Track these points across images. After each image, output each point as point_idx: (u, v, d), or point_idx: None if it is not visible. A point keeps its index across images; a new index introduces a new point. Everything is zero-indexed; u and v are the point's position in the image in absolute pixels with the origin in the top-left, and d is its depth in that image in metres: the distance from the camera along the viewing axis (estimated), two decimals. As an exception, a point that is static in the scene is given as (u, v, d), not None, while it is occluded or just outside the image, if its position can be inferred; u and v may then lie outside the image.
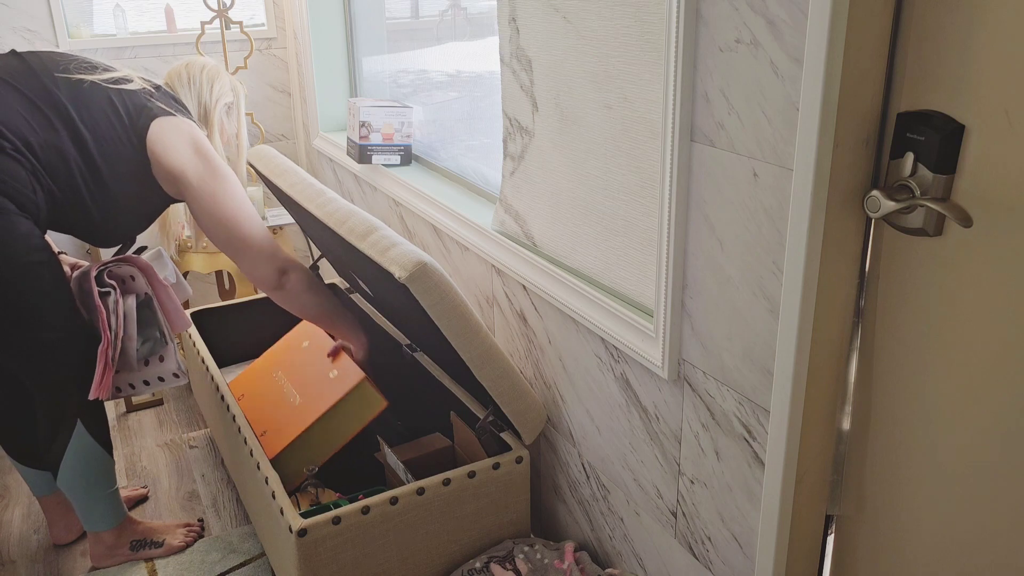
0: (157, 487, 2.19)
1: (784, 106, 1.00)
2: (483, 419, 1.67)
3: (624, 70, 1.29)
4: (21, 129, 1.55)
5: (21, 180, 1.54)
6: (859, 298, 1.06)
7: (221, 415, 1.99)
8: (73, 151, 1.61)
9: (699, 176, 1.16)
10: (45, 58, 1.68)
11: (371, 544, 1.53)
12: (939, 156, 0.90)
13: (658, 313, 1.28)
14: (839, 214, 0.99)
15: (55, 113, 1.60)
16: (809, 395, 1.07)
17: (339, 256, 1.92)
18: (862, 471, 1.12)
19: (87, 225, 1.70)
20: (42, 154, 1.57)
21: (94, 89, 1.66)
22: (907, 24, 0.92)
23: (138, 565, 1.88)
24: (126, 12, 2.80)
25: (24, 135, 1.55)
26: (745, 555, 1.25)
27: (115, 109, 1.67)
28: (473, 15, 2.08)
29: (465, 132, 2.15)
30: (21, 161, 1.55)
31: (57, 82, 1.63)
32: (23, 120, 1.56)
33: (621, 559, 1.60)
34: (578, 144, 1.44)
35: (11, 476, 2.25)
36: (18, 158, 1.54)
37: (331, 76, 2.83)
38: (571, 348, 1.58)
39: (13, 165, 1.53)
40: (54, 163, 1.59)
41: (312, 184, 1.79)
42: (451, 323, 1.49)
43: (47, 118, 1.59)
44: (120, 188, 1.68)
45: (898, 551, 1.10)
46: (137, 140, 1.68)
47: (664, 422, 1.37)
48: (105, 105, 1.66)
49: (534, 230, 1.63)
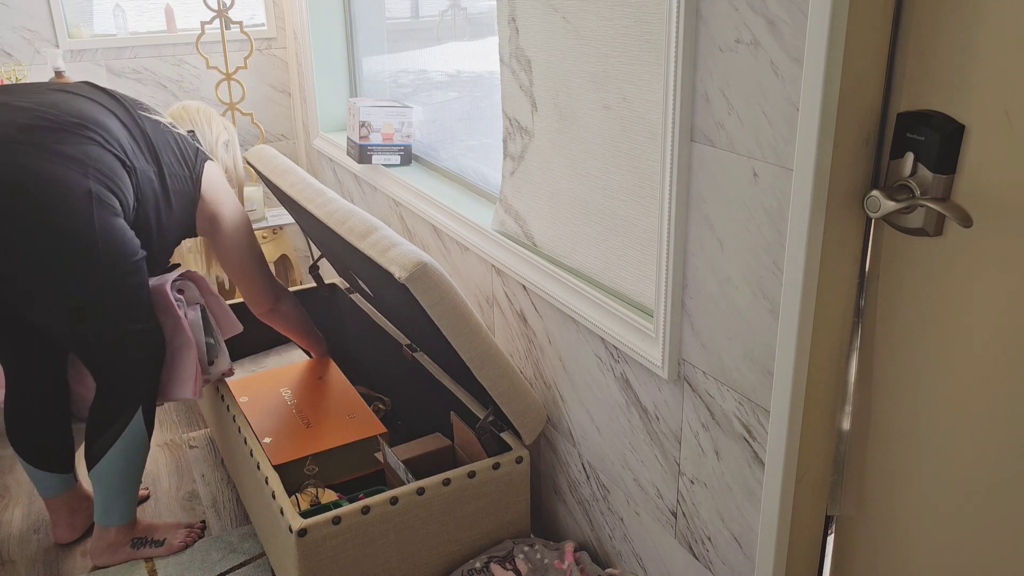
0: (157, 487, 2.19)
1: (784, 106, 1.00)
2: (483, 419, 1.67)
3: (624, 70, 1.29)
4: (125, 147, 1.70)
5: (129, 192, 1.70)
6: (859, 298, 1.06)
7: (221, 415, 1.99)
8: (156, 182, 1.76)
9: (699, 176, 1.16)
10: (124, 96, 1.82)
11: (371, 544, 1.53)
12: (939, 156, 0.90)
13: (658, 313, 1.28)
14: (839, 214, 0.99)
15: (145, 146, 1.75)
16: (809, 395, 1.07)
17: (339, 256, 1.92)
18: (862, 471, 1.12)
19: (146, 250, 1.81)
20: (140, 174, 1.72)
21: (166, 130, 1.82)
22: (907, 24, 0.92)
23: (138, 565, 1.88)
24: (126, 12, 2.80)
25: (130, 156, 1.70)
26: (745, 555, 1.25)
27: (179, 148, 1.83)
28: (473, 15, 2.08)
29: (465, 132, 2.15)
30: (130, 177, 1.70)
31: (141, 118, 1.78)
32: (129, 143, 1.71)
33: (621, 559, 1.60)
34: (578, 144, 1.44)
35: (11, 476, 2.25)
36: (129, 173, 1.69)
37: (331, 76, 2.83)
38: (571, 348, 1.58)
39: (127, 178, 1.69)
40: (145, 191, 1.73)
41: (312, 184, 1.80)
42: (451, 323, 1.49)
43: (139, 148, 1.74)
44: (177, 221, 1.84)
45: (898, 551, 1.10)
46: (195, 180, 1.85)
47: (664, 422, 1.37)
48: (173, 145, 1.82)
49: (534, 230, 1.63)
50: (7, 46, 2.62)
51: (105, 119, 1.68)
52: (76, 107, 1.66)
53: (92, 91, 1.77)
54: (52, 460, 1.90)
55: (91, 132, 1.63)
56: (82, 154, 1.59)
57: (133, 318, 1.73)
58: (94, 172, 1.60)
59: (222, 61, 2.82)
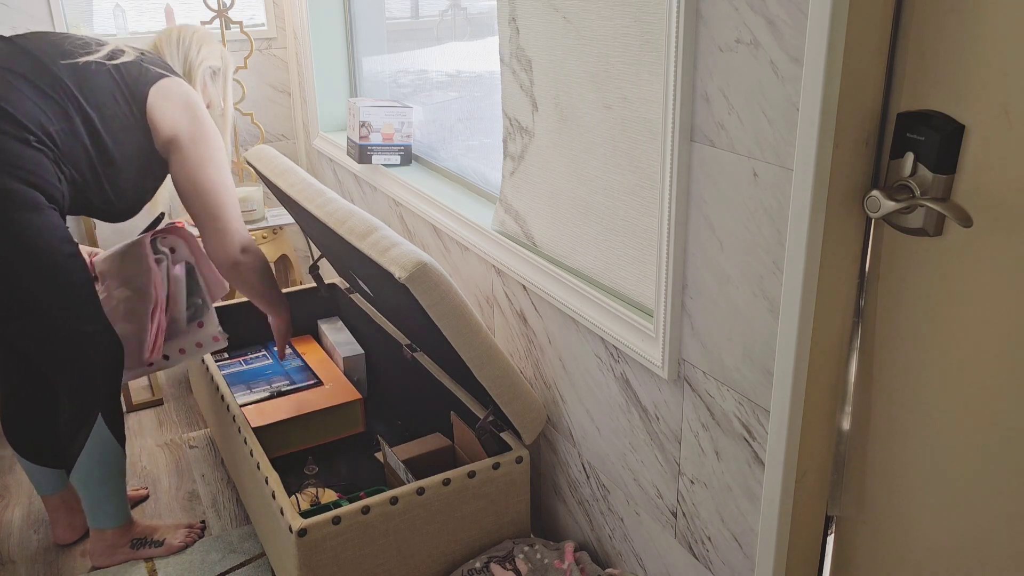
0: (157, 487, 2.19)
1: (784, 106, 1.00)
2: (483, 419, 1.67)
3: (624, 70, 1.29)
4: (39, 118, 1.56)
5: (48, 171, 1.56)
6: (859, 298, 1.06)
7: (221, 415, 1.99)
8: (84, 135, 1.62)
9: (699, 176, 1.16)
10: (41, 42, 1.67)
11: (371, 544, 1.53)
12: (939, 156, 0.90)
13: (658, 313, 1.28)
14: (839, 214, 0.99)
15: (65, 99, 1.61)
16: (809, 395, 1.07)
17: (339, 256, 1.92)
18: (862, 471, 1.12)
19: (104, 205, 1.72)
20: (61, 142, 1.59)
21: (97, 69, 1.67)
22: (907, 24, 0.92)
23: (138, 565, 1.88)
24: (126, 12, 2.80)
25: (43, 124, 1.56)
26: (745, 555, 1.25)
27: (117, 85, 1.68)
28: (473, 15, 2.08)
29: (465, 132, 2.15)
30: (44, 152, 1.56)
31: (61, 67, 1.63)
32: (38, 109, 1.57)
33: (621, 559, 1.60)
34: (578, 144, 1.44)
35: (11, 476, 2.25)
36: (42, 149, 1.56)
37: (331, 76, 2.83)
38: (571, 348, 1.58)
39: (39, 156, 1.55)
40: (72, 150, 1.60)
41: (312, 184, 1.79)
42: (451, 323, 1.49)
43: (59, 104, 1.60)
44: (127, 163, 1.70)
45: (898, 551, 1.10)
46: (138, 110, 1.69)
47: (664, 422, 1.37)
48: (108, 83, 1.67)
49: (534, 230, 1.63)
50: (7, 46, 2.62)
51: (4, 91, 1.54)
52: None
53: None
54: (46, 454, 1.89)
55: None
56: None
57: (77, 318, 1.64)
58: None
59: (222, 61, 2.82)
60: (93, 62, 1.67)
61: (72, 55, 1.66)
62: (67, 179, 1.61)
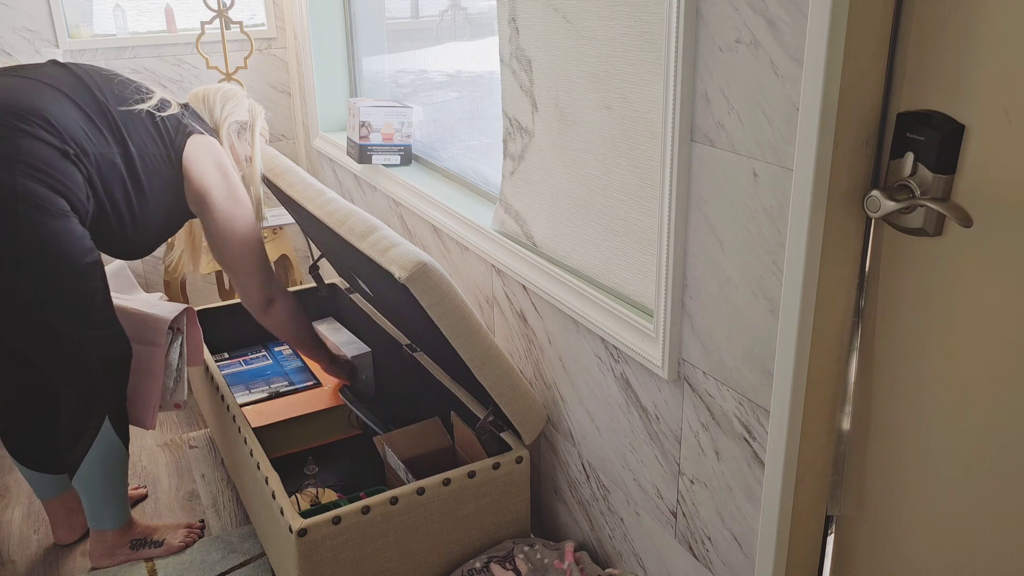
0: (157, 487, 2.19)
1: (784, 106, 1.00)
2: (483, 419, 1.67)
3: (624, 70, 1.29)
4: (79, 138, 1.60)
5: (79, 185, 1.58)
6: (859, 298, 1.06)
7: (221, 415, 1.99)
8: (122, 166, 1.66)
9: (699, 176, 1.16)
10: (92, 72, 1.73)
11: (371, 544, 1.53)
12: (939, 156, 0.90)
13: (658, 313, 1.28)
14: (839, 214, 0.99)
15: (107, 127, 1.65)
16: (809, 395, 1.07)
17: (339, 256, 1.92)
18: (862, 471, 1.12)
19: (120, 239, 1.75)
20: (99, 165, 1.63)
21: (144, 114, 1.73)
22: (907, 24, 0.92)
23: (138, 565, 1.88)
24: (126, 12, 2.80)
25: (82, 144, 1.60)
26: (745, 555, 1.25)
27: (157, 129, 1.73)
28: (473, 15, 2.08)
29: (465, 132, 2.15)
30: (79, 168, 1.59)
31: (108, 99, 1.69)
32: (81, 130, 1.61)
33: (621, 559, 1.59)
34: (578, 144, 1.44)
35: (11, 476, 2.25)
36: (78, 164, 1.59)
37: (331, 76, 2.83)
38: (571, 348, 1.58)
39: (73, 170, 1.58)
40: (109, 176, 1.64)
41: (312, 184, 1.80)
42: (451, 323, 1.49)
43: (101, 131, 1.64)
44: (156, 203, 1.74)
45: (898, 551, 1.10)
46: (175, 157, 1.74)
47: (664, 422, 1.37)
48: (151, 126, 1.73)
49: (534, 230, 1.63)
50: (7, 46, 2.62)
51: (50, 105, 1.57)
52: (15, 96, 1.56)
53: (51, 72, 1.67)
54: (44, 461, 1.88)
55: (26, 124, 1.52)
56: (10, 150, 1.50)
57: (88, 324, 1.65)
58: (24, 168, 1.50)
59: (222, 61, 2.82)
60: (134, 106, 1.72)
61: (126, 102, 1.71)
62: (96, 201, 1.63)
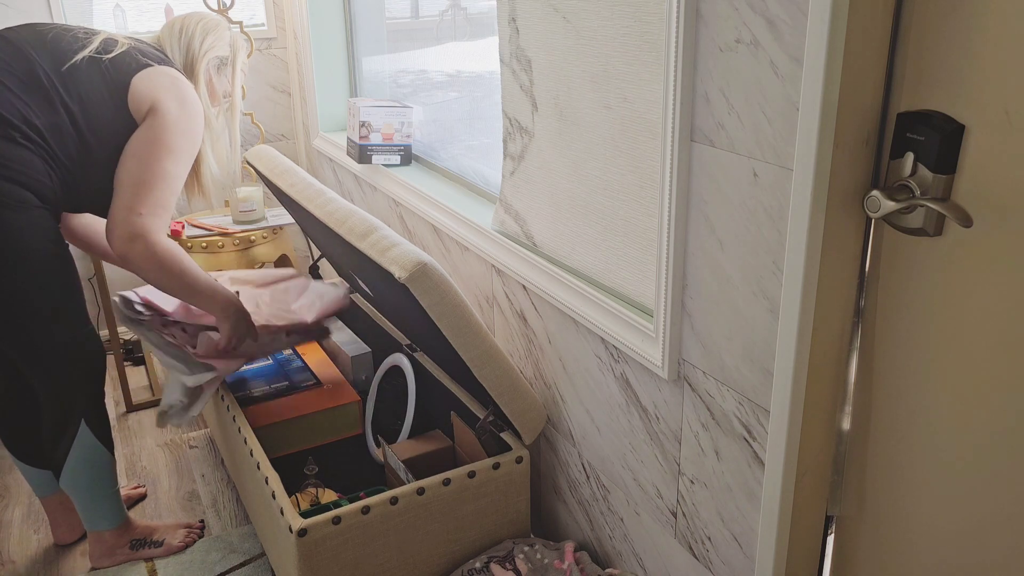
0: (157, 487, 2.19)
1: (784, 106, 1.00)
2: (483, 419, 1.67)
3: (624, 70, 1.29)
4: (24, 113, 1.53)
5: (36, 168, 1.53)
6: (859, 298, 1.06)
7: (221, 415, 1.99)
8: (69, 126, 1.58)
9: (699, 176, 1.16)
10: (30, 37, 1.63)
11: (371, 544, 1.53)
12: (939, 156, 0.90)
13: (658, 313, 1.28)
14: (839, 214, 0.99)
15: (53, 93, 1.57)
16: (809, 395, 1.07)
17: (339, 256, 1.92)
18: (862, 471, 1.12)
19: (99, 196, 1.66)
20: (50, 136, 1.56)
21: (84, 62, 1.62)
22: (907, 24, 0.92)
23: (138, 565, 1.88)
24: (126, 12, 2.80)
25: (29, 119, 1.54)
26: (745, 555, 1.25)
27: (103, 76, 1.63)
28: (473, 15, 2.08)
29: (465, 132, 2.15)
30: (32, 148, 1.53)
31: (47, 63, 1.59)
32: (23, 103, 1.54)
33: (621, 559, 1.59)
34: (578, 144, 1.44)
35: (11, 476, 2.25)
36: (29, 145, 1.53)
37: (331, 76, 2.83)
38: (571, 348, 1.58)
39: (26, 154, 1.52)
40: (62, 142, 1.57)
41: (312, 184, 1.79)
42: (451, 323, 1.49)
43: (44, 98, 1.56)
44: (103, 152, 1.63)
45: (898, 551, 1.10)
46: (120, 100, 1.63)
47: (664, 422, 1.37)
48: (94, 73, 1.62)
49: (534, 230, 1.63)
50: (7, 46, 2.62)
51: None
52: None
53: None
54: (36, 456, 1.87)
55: None
56: None
57: (61, 321, 1.62)
58: None
59: (222, 61, 2.81)
60: (84, 57, 1.62)
61: (68, 55, 1.61)
62: (58, 174, 1.58)
